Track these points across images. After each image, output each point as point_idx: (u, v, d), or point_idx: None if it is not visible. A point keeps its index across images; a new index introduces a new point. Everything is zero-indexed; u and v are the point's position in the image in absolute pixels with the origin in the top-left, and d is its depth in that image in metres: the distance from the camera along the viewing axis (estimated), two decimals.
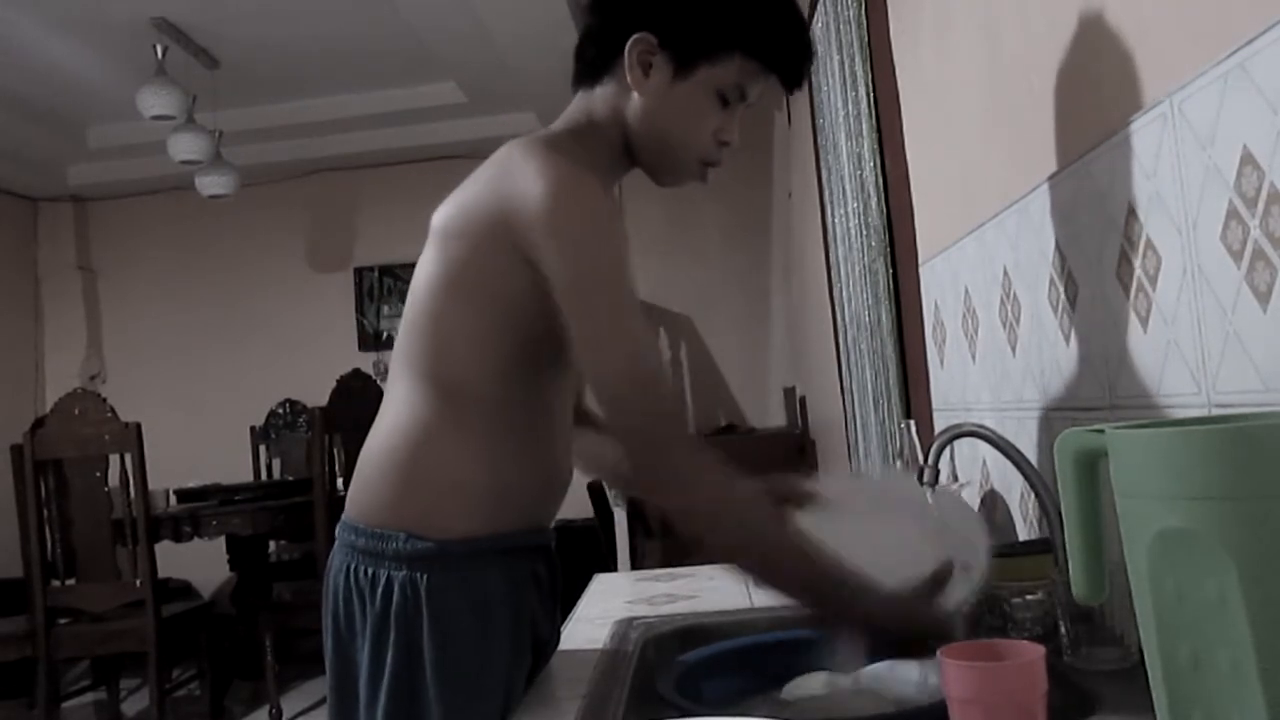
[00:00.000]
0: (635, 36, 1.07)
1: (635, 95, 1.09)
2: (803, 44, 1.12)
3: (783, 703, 1.02)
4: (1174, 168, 0.91)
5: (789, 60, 1.11)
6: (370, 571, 1.07)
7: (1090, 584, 0.68)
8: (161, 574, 3.79)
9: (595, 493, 4.41)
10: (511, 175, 1.03)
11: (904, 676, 0.99)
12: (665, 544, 4.44)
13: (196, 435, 5.54)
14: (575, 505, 5.28)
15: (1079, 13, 1.10)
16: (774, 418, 5.47)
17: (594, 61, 1.14)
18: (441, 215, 1.10)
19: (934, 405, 1.91)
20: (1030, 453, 1.21)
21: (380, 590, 1.06)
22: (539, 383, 1.10)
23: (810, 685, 1.05)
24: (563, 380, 1.14)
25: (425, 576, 1.05)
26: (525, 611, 1.13)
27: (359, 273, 5.91)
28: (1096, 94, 1.08)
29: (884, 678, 1.00)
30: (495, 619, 1.08)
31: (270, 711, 3.92)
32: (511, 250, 1.01)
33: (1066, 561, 0.69)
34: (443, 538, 1.06)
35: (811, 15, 3.06)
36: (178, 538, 3.92)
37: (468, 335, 1.06)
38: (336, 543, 1.14)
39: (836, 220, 2.88)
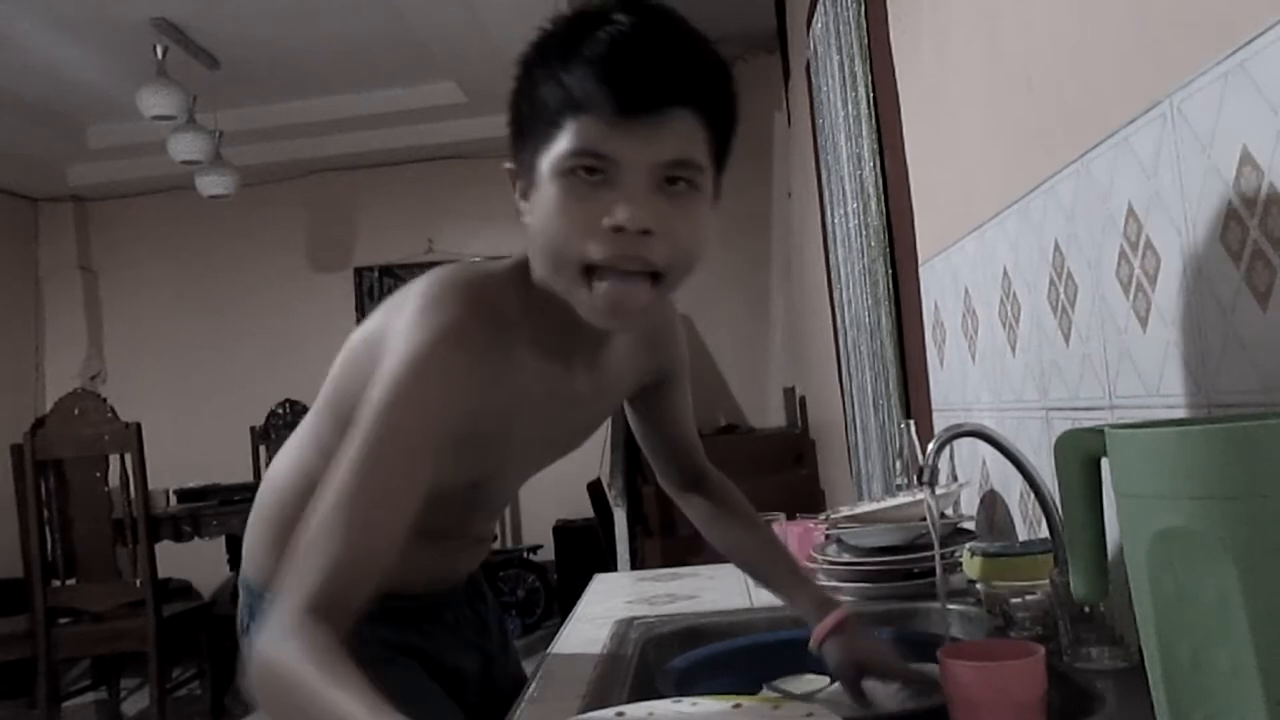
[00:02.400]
0: (505, 169, 0.94)
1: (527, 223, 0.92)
2: (612, 62, 0.84)
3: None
4: (1174, 168, 0.91)
5: (606, 88, 0.83)
6: (255, 628, 1.05)
7: (1090, 584, 0.69)
8: (161, 574, 3.79)
9: (595, 493, 4.41)
10: (398, 311, 0.92)
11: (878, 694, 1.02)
12: (665, 544, 4.44)
13: (196, 435, 5.55)
14: (575, 505, 5.30)
15: (1079, 13, 1.10)
16: (774, 418, 5.47)
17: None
18: (353, 335, 1.03)
19: (934, 405, 1.91)
20: (1030, 453, 1.21)
21: None
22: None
23: (798, 684, 1.06)
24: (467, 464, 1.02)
25: None
26: (427, 663, 1.12)
27: (359, 273, 5.92)
28: (1096, 94, 1.08)
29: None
30: (387, 679, 0.95)
31: None
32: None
33: (1066, 561, 0.69)
34: None
35: (811, 15, 3.06)
36: (178, 538, 3.92)
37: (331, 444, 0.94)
38: (238, 594, 1.15)
39: (836, 220, 2.88)
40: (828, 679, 1.08)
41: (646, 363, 1.13)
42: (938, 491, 1.38)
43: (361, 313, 5.88)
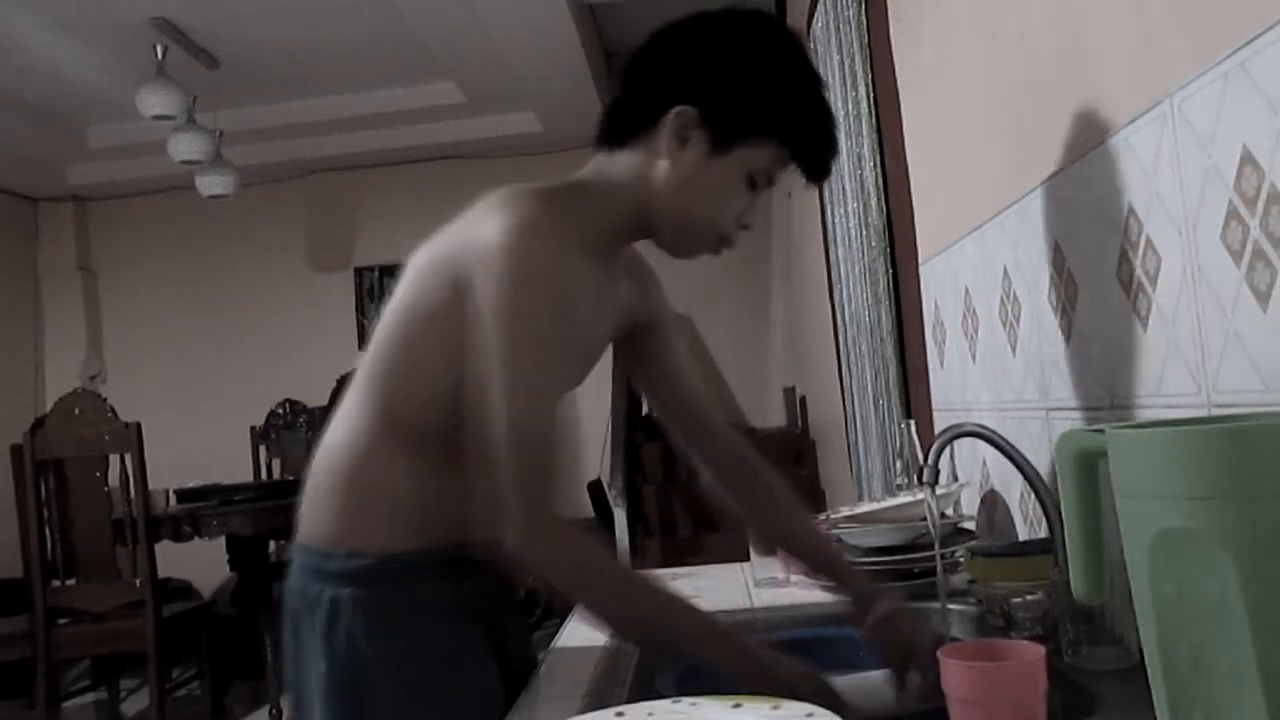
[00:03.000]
0: (679, 109, 1.05)
1: (664, 165, 1.07)
2: (833, 140, 1.11)
3: None
4: (1174, 168, 0.91)
5: (819, 154, 1.10)
6: (315, 590, 1.10)
7: (1090, 584, 0.69)
8: (161, 574, 3.79)
9: (595, 493, 4.41)
10: (479, 220, 1.05)
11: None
12: (665, 544, 4.44)
13: (196, 435, 5.54)
14: (575, 505, 5.29)
15: (1079, 13, 1.10)
16: (774, 418, 5.47)
17: (624, 126, 1.11)
18: (417, 257, 1.13)
19: (934, 405, 1.91)
20: (1030, 453, 1.21)
21: (327, 607, 1.08)
22: None
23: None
24: None
25: (365, 592, 1.08)
26: (473, 619, 1.14)
27: (359, 273, 5.91)
28: (1096, 94, 1.08)
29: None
30: (439, 628, 1.10)
31: (270, 711, 3.92)
32: (465, 297, 1.02)
33: (1066, 561, 0.69)
34: (381, 553, 1.09)
35: (811, 15, 3.06)
36: (178, 538, 3.92)
37: (418, 369, 1.09)
38: (291, 563, 1.17)
39: (836, 220, 2.88)
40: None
41: (640, 302, 1.25)
42: (938, 491, 1.38)
43: (362, 313, 5.88)
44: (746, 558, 1.65)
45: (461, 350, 1.02)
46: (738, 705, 0.80)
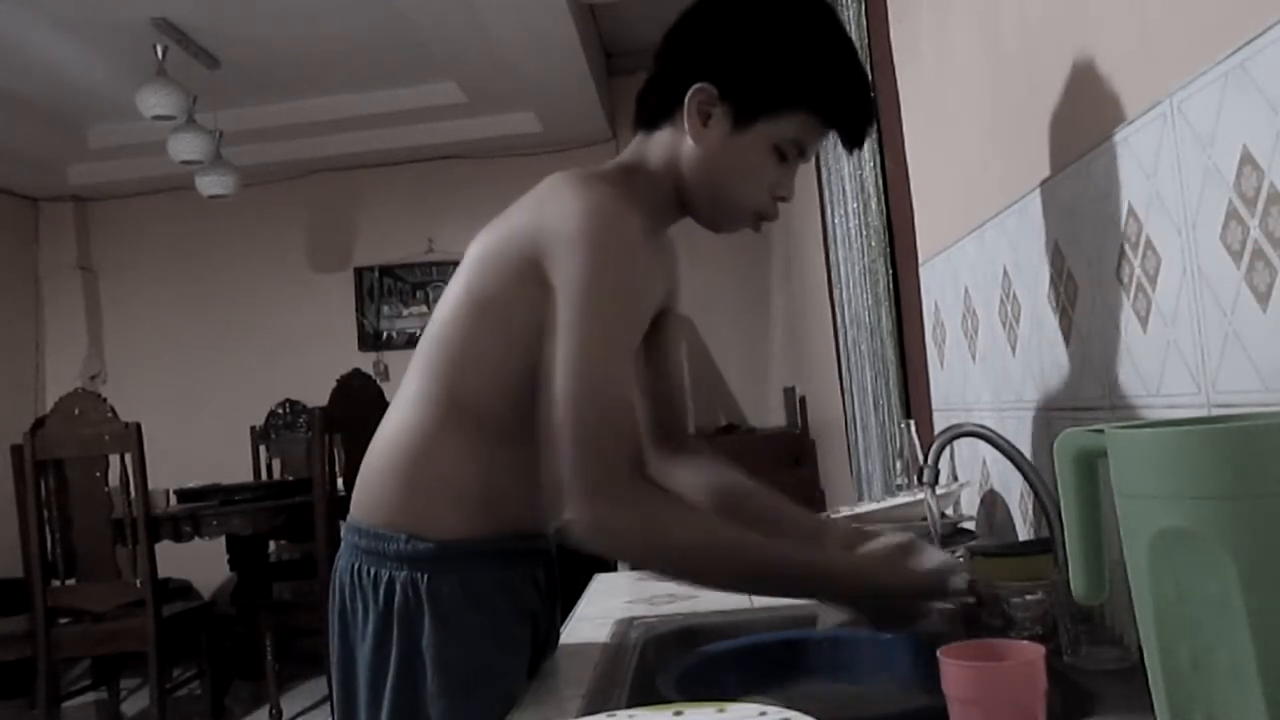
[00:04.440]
0: (696, 86, 1.07)
1: (690, 144, 1.09)
2: (866, 102, 1.10)
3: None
4: (1174, 168, 0.91)
5: (852, 118, 1.09)
6: (373, 571, 1.10)
7: (1090, 584, 0.68)
8: (161, 574, 3.79)
9: None
10: (548, 202, 1.05)
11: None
12: None
13: (196, 435, 5.54)
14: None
15: (1079, 13, 1.10)
16: (774, 418, 5.47)
17: (655, 107, 1.13)
18: (478, 244, 1.12)
19: (934, 405, 1.91)
20: (1030, 453, 1.21)
21: (383, 590, 1.09)
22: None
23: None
24: None
25: (425, 576, 1.08)
26: (523, 610, 1.15)
27: (359, 273, 5.91)
28: (1096, 94, 1.08)
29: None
30: (493, 617, 1.11)
31: (270, 711, 3.92)
32: (536, 279, 1.02)
33: (1066, 561, 0.69)
34: (442, 538, 1.09)
35: None
36: (178, 538, 3.92)
37: (485, 357, 1.09)
38: (342, 543, 1.17)
39: (836, 220, 2.88)
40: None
41: (668, 283, 1.25)
42: (938, 491, 1.38)
43: (361, 313, 5.88)
44: None
45: (530, 335, 1.02)
46: (679, 714, 0.79)
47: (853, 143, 1.11)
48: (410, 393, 1.14)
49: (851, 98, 1.09)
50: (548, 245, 1.02)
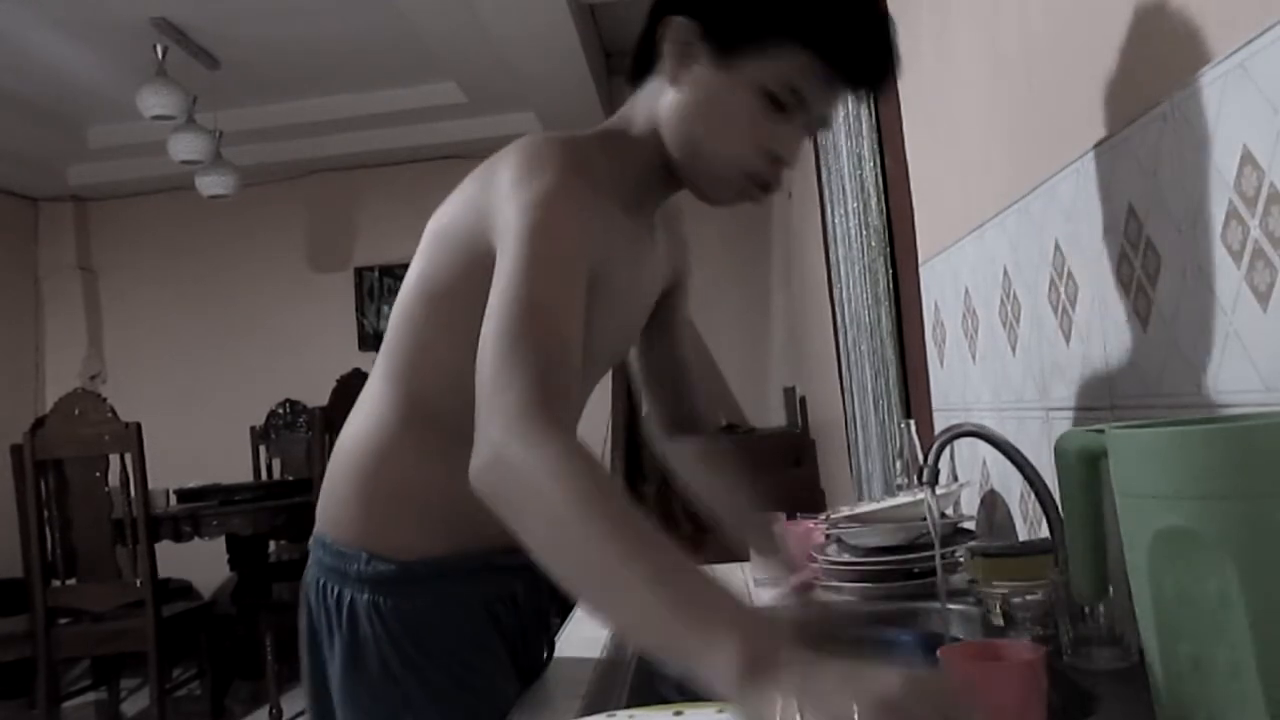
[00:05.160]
0: (674, 20, 0.93)
1: (670, 92, 0.95)
2: (878, 36, 0.92)
3: None
4: (1174, 168, 0.91)
5: (858, 55, 0.92)
6: (336, 590, 1.03)
7: (1090, 584, 0.69)
8: (161, 574, 3.79)
9: None
10: (495, 165, 0.94)
11: None
12: None
13: (196, 435, 5.54)
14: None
15: (1079, 13, 1.10)
16: (774, 418, 5.47)
17: (639, 57, 0.99)
18: (434, 219, 1.03)
19: (934, 405, 1.91)
20: (1030, 453, 1.21)
21: (345, 613, 1.02)
22: None
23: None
24: None
25: (388, 601, 1.01)
26: (500, 632, 1.08)
27: (359, 273, 5.91)
28: (1096, 94, 1.08)
29: None
30: (467, 642, 1.04)
31: (270, 711, 3.92)
32: (485, 259, 0.88)
33: (1066, 561, 0.69)
34: (404, 559, 1.02)
35: None
36: (178, 538, 3.92)
37: (438, 350, 0.99)
38: (310, 556, 1.09)
39: (836, 220, 2.88)
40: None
41: (675, 260, 1.17)
42: (938, 491, 1.38)
43: (361, 313, 5.88)
44: (746, 558, 1.65)
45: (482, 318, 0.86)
46: (679, 714, 0.78)
47: (863, 83, 0.94)
48: (369, 394, 1.06)
49: (855, 28, 0.91)
50: (491, 212, 0.90)
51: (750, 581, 1.62)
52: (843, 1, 0.91)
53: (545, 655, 1.21)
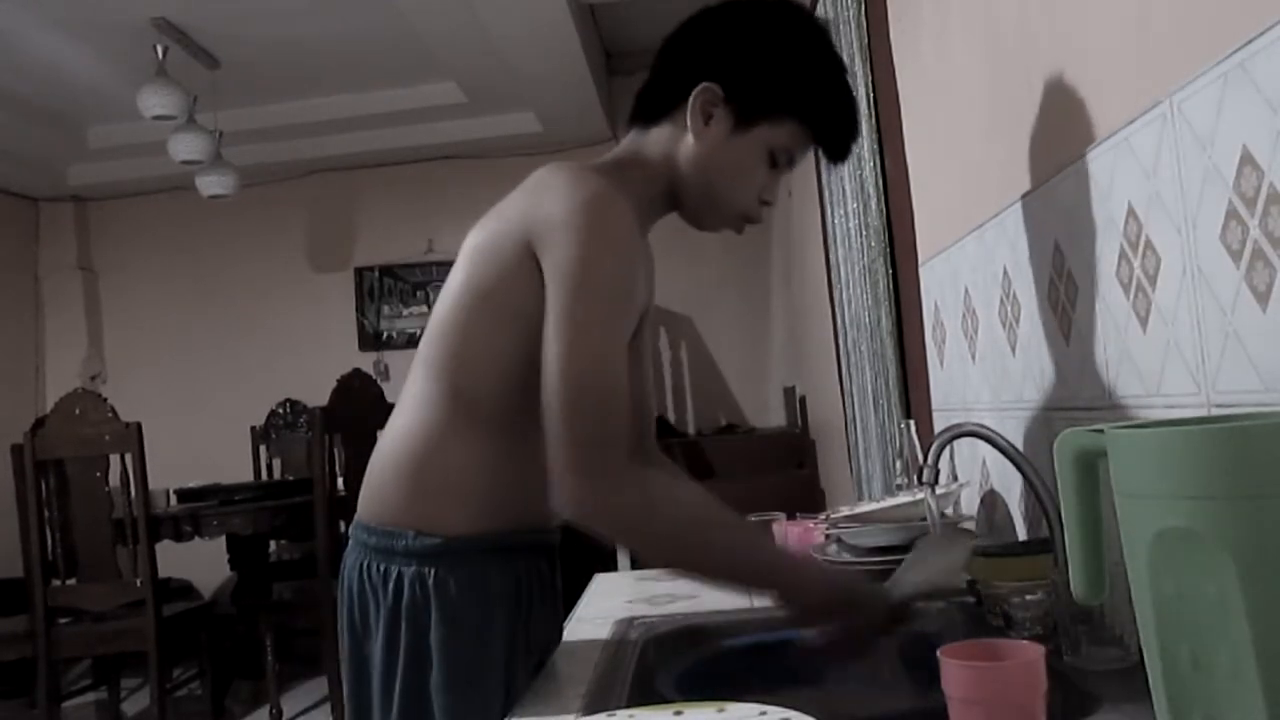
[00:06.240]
0: (703, 85, 1.12)
1: (690, 141, 1.14)
2: (854, 123, 1.17)
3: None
4: (1174, 168, 0.91)
5: (840, 135, 1.16)
6: (382, 568, 1.13)
7: (1090, 584, 0.69)
8: (162, 574, 3.79)
9: None
10: (542, 191, 1.08)
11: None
12: None
13: (196, 435, 5.54)
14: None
15: (1078, 13, 1.10)
16: (774, 418, 5.47)
17: (655, 103, 1.17)
18: (474, 236, 1.14)
19: (934, 405, 1.91)
20: (1030, 453, 1.21)
21: (391, 585, 1.12)
22: None
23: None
24: None
25: (433, 570, 1.11)
26: (528, 606, 1.17)
27: (359, 273, 5.91)
28: (1096, 94, 1.08)
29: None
30: (498, 612, 1.13)
31: (270, 711, 3.92)
32: (531, 268, 1.04)
33: (1066, 561, 0.69)
34: (448, 534, 1.11)
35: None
36: (178, 537, 3.92)
37: (486, 347, 1.11)
38: (350, 542, 1.19)
39: (836, 220, 2.88)
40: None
41: (648, 282, 1.27)
42: (938, 491, 1.38)
43: (361, 313, 5.88)
44: None
45: (529, 325, 1.03)
46: (679, 714, 0.79)
47: (836, 157, 1.18)
48: (414, 393, 1.16)
49: (841, 114, 1.16)
50: (541, 232, 1.04)
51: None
52: (834, 89, 1.15)
53: (555, 638, 1.27)
